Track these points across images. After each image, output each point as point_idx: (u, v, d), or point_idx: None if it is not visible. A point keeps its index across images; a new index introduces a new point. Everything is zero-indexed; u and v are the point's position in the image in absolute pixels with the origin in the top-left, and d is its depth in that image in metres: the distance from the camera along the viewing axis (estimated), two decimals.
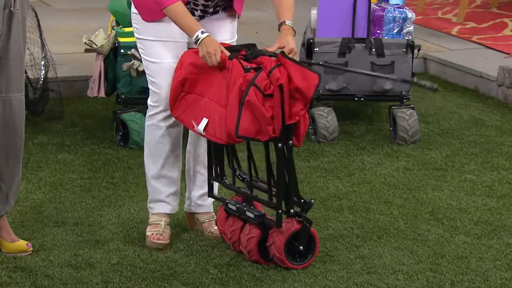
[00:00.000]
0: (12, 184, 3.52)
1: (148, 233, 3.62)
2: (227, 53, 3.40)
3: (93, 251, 3.55)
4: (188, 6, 3.55)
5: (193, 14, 3.59)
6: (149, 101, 3.65)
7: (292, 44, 3.51)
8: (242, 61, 3.37)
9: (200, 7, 3.60)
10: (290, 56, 3.45)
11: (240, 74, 3.32)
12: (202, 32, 3.40)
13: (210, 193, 3.65)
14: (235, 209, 3.52)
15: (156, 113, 3.62)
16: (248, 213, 3.47)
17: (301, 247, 3.43)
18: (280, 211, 3.40)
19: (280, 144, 3.37)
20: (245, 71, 3.32)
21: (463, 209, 4.02)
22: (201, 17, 3.61)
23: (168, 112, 3.58)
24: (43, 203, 4.02)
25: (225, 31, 3.66)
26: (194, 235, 3.69)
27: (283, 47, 3.49)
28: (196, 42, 3.41)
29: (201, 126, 3.43)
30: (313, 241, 3.48)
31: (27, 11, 3.44)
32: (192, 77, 3.49)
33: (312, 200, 3.48)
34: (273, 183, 3.45)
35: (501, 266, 3.51)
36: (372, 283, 3.36)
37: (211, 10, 3.62)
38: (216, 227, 3.68)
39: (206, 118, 3.42)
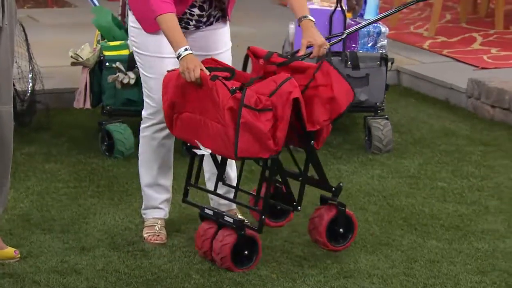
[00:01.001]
0: (0, 193, 3.50)
1: (145, 235, 3.66)
2: (207, 72, 3.35)
3: (79, 257, 3.54)
4: (184, 16, 3.55)
5: (188, 25, 3.60)
6: (144, 113, 3.65)
7: (319, 38, 3.51)
8: (225, 82, 3.31)
9: (195, 17, 3.60)
10: (322, 48, 3.45)
11: (227, 96, 3.26)
12: (185, 49, 3.37)
13: (185, 198, 3.62)
14: (212, 214, 3.49)
15: (151, 125, 3.63)
16: (226, 218, 3.44)
17: (341, 229, 3.51)
18: (263, 216, 3.39)
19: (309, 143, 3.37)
20: (231, 93, 3.26)
21: (435, 215, 4.04)
22: (196, 27, 3.61)
23: (163, 125, 3.58)
24: (31, 211, 4.00)
25: (220, 42, 3.67)
26: (177, 241, 3.68)
27: (312, 44, 3.48)
28: (178, 57, 3.39)
29: (207, 148, 3.37)
30: (351, 221, 3.55)
31: (15, 26, 3.44)
32: (178, 99, 3.44)
33: (342, 184, 3.57)
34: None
35: (471, 270, 3.52)
36: (348, 287, 3.36)
37: (205, 19, 3.62)
38: None
39: (207, 136, 3.34)
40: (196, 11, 3.59)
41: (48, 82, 5.15)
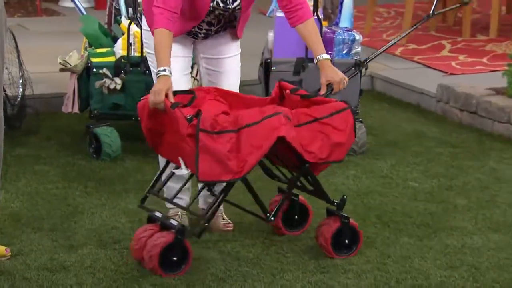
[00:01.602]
0: None
1: None
2: (171, 100, 3.30)
3: (68, 255, 3.52)
4: (192, 29, 3.56)
5: (197, 36, 3.62)
6: None
7: (336, 75, 3.57)
8: (182, 110, 3.26)
9: (203, 31, 3.62)
10: (341, 84, 3.52)
11: (185, 124, 3.23)
12: (164, 70, 3.36)
13: (142, 202, 3.54)
14: (160, 216, 3.41)
15: None
16: (172, 221, 3.36)
17: (346, 240, 3.51)
18: (206, 223, 3.34)
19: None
20: (188, 122, 3.21)
21: (407, 213, 4.05)
22: (205, 37, 3.63)
23: None
24: (21, 211, 3.97)
25: (229, 46, 3.69)
26: None
27: (331, 82, 3.54)
28: (156, 74, 3.38)
29: (184, 167, 3.34)
30: (357, 233, 3.54)
31: (5, 33, 3.42)
32: (154, 123, 3.42)
33: (345, 196, 3.56)
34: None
35: (440, 265, 3.54)
36: (325, 281, 3.37)
37: (213, 33, 3.64)
38: (222, 222, 3.70)
39: (183, 156, 3.31)
40: (204, 25, 3.62)
41: (37, 88, 5.13)
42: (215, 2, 3.54)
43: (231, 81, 3.75)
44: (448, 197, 4.26)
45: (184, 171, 3.33)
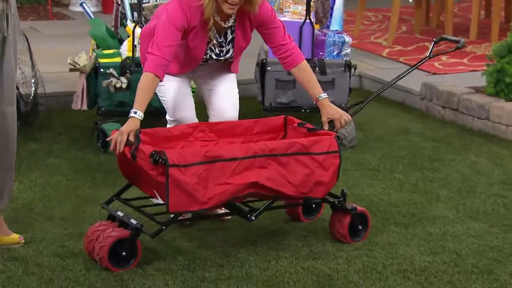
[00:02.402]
0: (6, 185, 3.47)
1: None
2: (132, 140, 3.25)
3: (77, 242, 3.51)
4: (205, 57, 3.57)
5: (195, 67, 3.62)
6: (168, 117, 3.67)
7: (336, 112, 3.56)
8: (145, 154, 3.20)
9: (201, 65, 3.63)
10: (341, 119, 3.53)
11: (151, 167, 3.18)
12: (135, 112, 3.32)
13: (106, 204, 3.50)
14: (121, 216, 3.35)
15: (176, 124, 3.62)
16: (131, 220, 3.30)
17: (359, 227, 3.53)
18: (164, 227, 3.28)
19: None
20: (154, 163, 3.15)
21: (393, 203, 4.05)
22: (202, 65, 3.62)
23: (179, 122, 3.60)
24: (34, 201, 3.96)
25: (224, 71, 3.68)
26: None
27: (331, 119, 3.54)
28: (127, 115, 3.35)
29: (159, 199, 3.30)
30: (366, 220, 3.55)
31: (18, 36, 3.41)
32: (126, 171, 3.40)
33: (345, 190, 3.56)
34: None
35: (424, 251, 3.54)
36: (316, 267, 3.36)
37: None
38: (220, 212, 3.65)
39: (157, 189, 3.26)
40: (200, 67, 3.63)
41: (49, 86, 5.12)
42: (208, 55, 3.54)
43: (227, 86, 3.69)
44: (432, 188, 4.26)
45: (160, 201, 3.29)
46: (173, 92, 3.60)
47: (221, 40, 3.53)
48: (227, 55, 3.57)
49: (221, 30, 3.51)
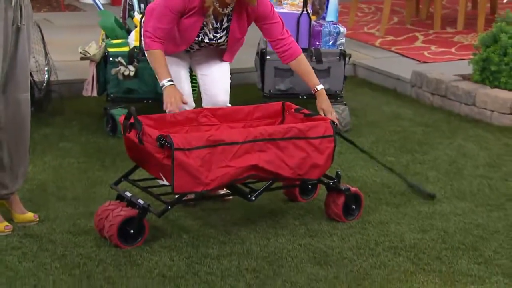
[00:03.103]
0: (21, 167, 3.47)
1: None
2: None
3: (88, 221, 3.51)
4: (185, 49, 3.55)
5: (192, 49, 3.59)
6: None
7: (328, 108, 3.56)
8: (152, 135, 3.18)
9: (196, 47, 3.60)
10: (331, 113, 3.52)
11: (158, 151, 3.17)
12: (168, 81, 3.37)
13: (115, 185, 3.49)
14: (129, 196, 3.35)
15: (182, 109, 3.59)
16: (139, 200, 3.30)
17: (353, 206, 3.51)
18: (169, 206, 3.28)
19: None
20: (161, 146, 3.14)
21: (385, 184, 4.04)
22: (199, 49, 3.60)
23: (188, 107, 3.56)
24: (47, 183, 3.96)
25: (220, 58, 3.66)
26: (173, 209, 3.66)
27: (324, 110, 3.54)
28: (161, 87, 3.38)
29: (165, 181, 3.29)
30: (360, 200, 3.54)
31: (31, 26, 3.39)
32: (135, 155, 3.39)
33: (339, 172, 3.55)
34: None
35: (414, 229, 3.53)
36: (313, 244, 3.36)
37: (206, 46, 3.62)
38: (222, 192, 3.64)
39: (163, 172, 3.26)
40: (196, 46, 3.59)
41: (61, 74, 5.10)
42: (200, 38, 3.52)
43: (220, 72, 3.67)
44: (421, 170, 4.25)
45: (165, 183, 3.29)
46: (183, 81, 3.60)
47: (216, 26, 3.51)
48: (220, 41, 3.55)
49: (218, 16, 3.49)
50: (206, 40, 3.53)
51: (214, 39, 3.53)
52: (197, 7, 3.41)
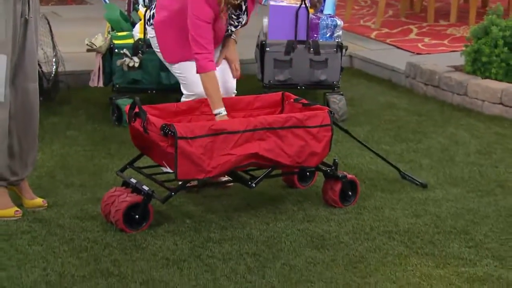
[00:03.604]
0: (30, 154, 3.47)
1: None
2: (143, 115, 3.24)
3: (95, 206, 3.51)
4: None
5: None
6: (184, 91, 3.61)
7: (231, 55, 3.55)
8: (157, 124, 3.17)
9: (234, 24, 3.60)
10: (234, 64, 3.52)
11: (162, 139, 3.16)
12: (222, 111, 3.36)
13: (120, 172, 3.48)
14: (134, 182, 3.34)
15: (191, 98, 3.59)
16: (144, 186, 3.29)
17: (349, 193, 3.49)
18: (173, 193, 3.26)
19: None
20: (165, 135, 3.14)
21: (380, 171, 4.04)
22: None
23: (197, 96, 3.54)
24: (55, 169, 3.95)
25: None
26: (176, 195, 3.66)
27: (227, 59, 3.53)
28: (216, 115, 3.36)
29: (168, 169, 3.28)
30: (356, 187, 3.52)
31: (39, 18, 3.38)
32: (139, 143, 3.38)
33: (336, 159, 3.53)
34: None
35: (408, 214, 3.53)
36: (311, 229, 3.36)
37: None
38: (224, 179, 3.63)
39: (167, 160, 3.25)
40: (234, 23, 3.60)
41: (68, 65, 5.08)
42: (229, 31, 3.55)
43: (229, 73, 3.67)
44: (415, 158, 4.25)
45: (169, 170, 3.29)
46: (194, 69, 3.57)
47: (238, 13, 3.52)
48: (243, 22, 3.58)
49: (236, 6, 3.48)
50: (233, 29, 3.53)
51: (239, 24, 3.54)
52: (219, 7, 3.40)
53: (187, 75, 3.58)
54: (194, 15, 3.35)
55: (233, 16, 3.51)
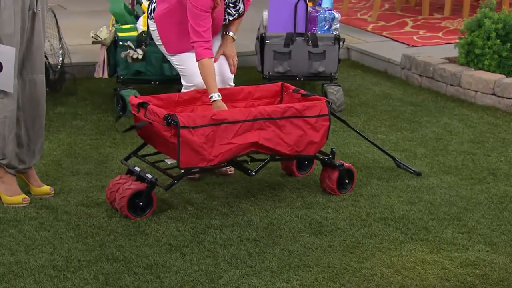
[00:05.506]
0: (38, 143, 3.46)
1: None
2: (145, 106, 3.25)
3: (100, 194, 3.51)
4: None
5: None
6: (184, 82, 3.61)
7: (230, 51, 3.55)
8: (160, 114, 3.17)
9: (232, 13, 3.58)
10: (232, 59, 3.53)
11: (166, 129, 3.15)
12: (218, 95, 3.36)
13: (125, 160, 3.46)
14: (138, 171, 3.33)
15: (190, 89, 3.58)
16: (147, 174, 3.29)
17: (346, 180, 3.48)
18: (175, 181, 3.27)
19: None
20: (168, 125, 3.13)
21: (376, 160, 4.04)
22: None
23: (196, 87, 3.53)
24: (62, 158, 3.95)
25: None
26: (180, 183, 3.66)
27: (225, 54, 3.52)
28: (210, 98, 3.36)
29: (171, 161, 3.28)
30: (352, 175, 3.51)
31: (46, 11, 3.37)
32: (143, 133, 3.36)
33: (334, 148, 3.52)
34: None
35: (403, 202, 3.53)
36: (309, 215, 3.36)
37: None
38: (225, 167, 3.61)
39: (170, 151, 3.25)
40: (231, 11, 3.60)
41: (74, 57, 5.07)
42: (227, 21, 3.52)
43: (227, 62, 3.67)
44: (410, 147, 4.24)
45: (173, 161, 3.28)
46: (193, 60, 3.56)
47: (234, 0, 3.50)
48: (240, 10, 3.56)
49: None
50: (230, 18, 3.52)
51: (236, 13, 3.52)
52: None
53: (186, 66, 3.57)
54: (193, 5, 3.34)
55: (230, 4, 3.49)
